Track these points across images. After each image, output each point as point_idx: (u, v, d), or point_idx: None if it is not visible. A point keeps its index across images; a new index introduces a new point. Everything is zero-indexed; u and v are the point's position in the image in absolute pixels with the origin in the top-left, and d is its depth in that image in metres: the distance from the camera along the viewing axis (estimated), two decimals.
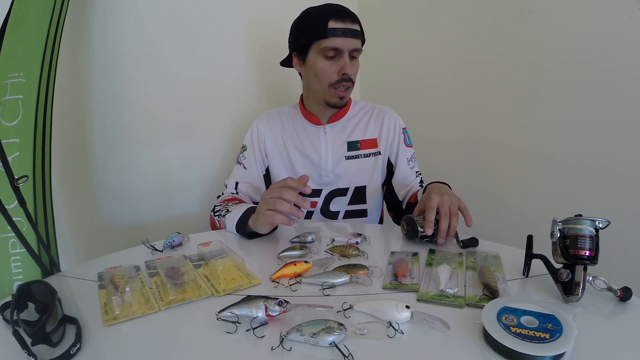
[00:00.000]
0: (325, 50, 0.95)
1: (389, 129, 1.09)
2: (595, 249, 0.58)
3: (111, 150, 1.22)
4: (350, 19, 0.95)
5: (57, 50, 0.90)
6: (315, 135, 1.09)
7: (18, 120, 0.79)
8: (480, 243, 0.80)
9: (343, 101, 1.02)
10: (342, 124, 1.09)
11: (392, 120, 1.10)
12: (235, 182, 1.08)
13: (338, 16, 0.94)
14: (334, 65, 0.97)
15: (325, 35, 0.94)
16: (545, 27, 1.15)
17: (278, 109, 1.16)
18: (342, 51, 0.95)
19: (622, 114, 1.03)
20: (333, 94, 1.00)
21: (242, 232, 0.88)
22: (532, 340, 0.47)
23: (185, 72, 1.29)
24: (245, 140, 1.13)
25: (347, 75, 0.97)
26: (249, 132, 1.13)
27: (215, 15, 1.32)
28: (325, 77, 0.98)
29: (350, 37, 0.95)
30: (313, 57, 0.99)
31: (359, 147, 1.08)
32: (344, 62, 0.96)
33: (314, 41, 0.97)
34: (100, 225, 1.25)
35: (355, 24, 0.97)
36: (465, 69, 1.39)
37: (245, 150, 1.12)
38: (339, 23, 0.94)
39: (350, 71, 0.97)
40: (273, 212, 0.78)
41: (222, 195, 1.08)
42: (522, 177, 1.29)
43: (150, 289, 0.66)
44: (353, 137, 1.08)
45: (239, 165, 1.11)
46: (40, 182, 0.85)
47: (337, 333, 0.50)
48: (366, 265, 0.70)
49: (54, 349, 0.51)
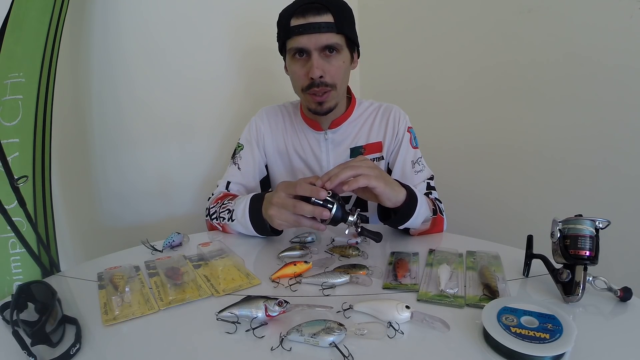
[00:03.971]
0: (292, 52, 0.87)
1: (393, 128, 0.98)
2: (596, 249, 0.58)
3: (111, 150, 1.22)
4: (315, 11, 0.82)
5: (57, 50, 0.90)
6: (316, 141, 1.00)
7: (18, 120, 0.79)
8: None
9: (324, 107, 0.90)
10: (344, 129, 0.99)
11: (397, 118, 0.99)
12: (227, 182, 1.00)
13: (300, 11, 0.83)
14: (303, 68, 0.86)
15: (289, 35, 0.85)
16: (545, 27, 1.15)
17: (279, 105, 1.07)
18: (309, 50, 0.84)
19: (622, 114, 1.03)
20: (310, 99, 0.89)
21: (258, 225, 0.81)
22: (532, 340, 0.47)
23: (186, 72, 1.29)
24: (242, 138, 1.04)
25: (316, 79, 0.85)
26: (247, 128, 1.05)
27: (216, 15, 1.32)
28: (296, 82, 0.90)
29: (315, 33, 0.82)
30: (288, 61, 0.91)
31: (362, 152, 0.98)
32: (310, 63, 0.84)
33: (284, 43, 0.89)
34: (100, 225, 1.25)
35: (324, 15, 0.83)
36: (465, 69, 1.38)
37: (242, 149, 1.03)
38: (300, 19, 0.83)
39: (317, 73, 0.84)
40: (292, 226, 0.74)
41: (212, 196, 0.99)
42: (522, 177, 1.29)
43: (150, 289, 0.66)
44: (356, 142, 0.99)
45: (234, 165, 1.02)
46: (40, 182, 0.85)
47: (337, 333, 0.50)
48: (366, 265, 0.70)
49: (53, 349, 0.51)
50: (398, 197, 0.74)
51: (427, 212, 0.80)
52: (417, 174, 0.95)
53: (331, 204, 0.68)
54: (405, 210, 0.76)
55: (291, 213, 0.71)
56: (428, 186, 0.94)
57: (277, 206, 0.72)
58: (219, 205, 0.91)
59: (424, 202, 0.79)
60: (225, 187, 1.00)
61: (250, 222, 0.82)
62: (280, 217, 0.73)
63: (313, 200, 0.68)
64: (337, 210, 0.68)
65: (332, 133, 0.99)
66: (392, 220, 0.79)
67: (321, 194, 0.67)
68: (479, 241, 0.81)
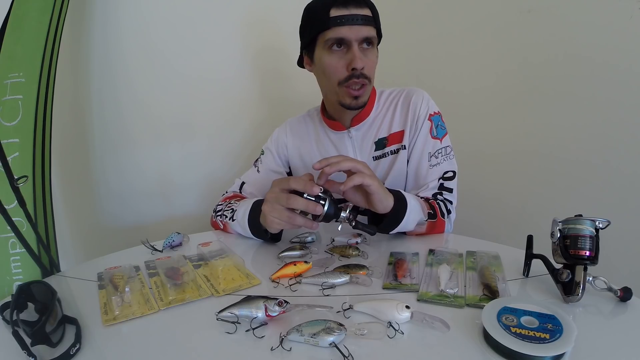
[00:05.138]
0: (330, 43, 0.84)
1: (413, 114, 0.93)
2: (596, 249, 0.58)
3: (111, 150, 1.22)
4: (356, 4, 0.82)
5: (57, 50, 0.90)
6: (341, 141, 0.97)
7: (18, 120, 0.79)
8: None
9: (359, 101, 0.88)
10: (369, 124, 0.96)
11: (418, 104, 0.93)
12: (242, 182, 1.01)
13: (340, 2, 0.82)
14: (342, 60, 0.84)
15: (328, 25, 0.82)
16: (545, 27, 1.15)
17: (304, 115, 1.06)
18: (350, 41, 0.83)
19: (622, 114, 1.03)
20: (345, 93, 0.87)
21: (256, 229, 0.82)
22: (532, 340, 0.47)
23: (186, 72, 1.29)
24: (265, 146, 1.06)
25: (357, 70, 0.83)
26: (270, 138, 1.05)
27: (217, 16, 1.32)
28: (333, 74, 0.86)
29: (357, 25, 0.82)
30: (319, 53, 0.87)
31: (385, 144, 0.95)
32: (352, 54, 0.83)
33: (317, 35, 0.85)
34: (100, 225, 1.25)
35: (363, 9, 0.83)
36: (465, 69, 1.38)
37: (263, 154, 1.04)
38: (342, 10, 0.81)
39: (360, 64, 0.82)
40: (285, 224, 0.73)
41: (225, 193, 1.02)
42: (522, 177, 1.29)
43: (150, 289, 0.66)
44: (380, 134, 0.95)
45: (254, 167, 1.04)
46: (40, 182, 0.85)
47: (337, 333, 0.50)
48: (366, 265, 0.70)
49: (53, 349, 0.51)
50: (388, 201, 0.74)
51: (419, 216, 0.80)
52: (432, 168, 0.91)
53: (323, 200, 0.68)
54: (393, 216, 0.76)
55: (284, 208, 0.70)
56: (441, 186, 0.90)
57: (271, 201, 0.72)
58: (225, 204, 0.92)
59: (416, 208, 0.79)
60: (240, 187, 1.01)
61: (248, 224, 0.83)
62: (272, 212, 0.72)
63: (306, 196, 0.68)
64: (329, 207, 0.68)
65: (355, 131, 0.96)
66: (382, 225, 0.79)
67: (314, 189, 0.67)
68: (479, 241, 0.81)
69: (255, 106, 1.46)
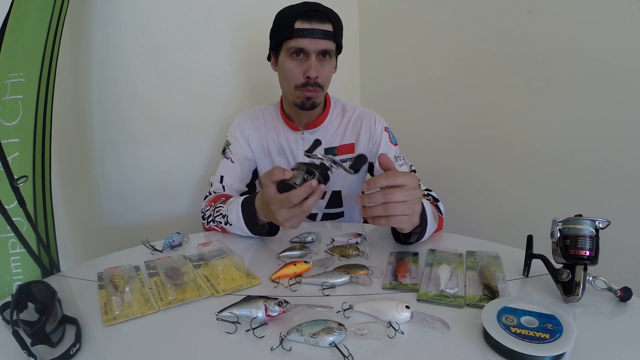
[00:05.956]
0: (292, 51, 0.93)
1: (368, 131, 1.05)
2: (596, 249, 0.58)
3: (111, 150, 1.22)
4: (319, 19, 0.91)
5: (57, 50, 0.90)
6: (294, 141, 1.07)
7: (18, 120, 0.79)
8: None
9: (310, 102, 0.97)
10: (321, 131, 1.06)
11: (372, 122, 1.06)
12: (220, 176, 1.04)
13: (305, 16, 0.91)
14: (300, 67, 0.94)
15: (291, 35, 0.91)
16: (545, 27, 1.15)
17: (260, 108, 1.13)
18: (309, 52, 0.92)
19: (622, 114, 1.03)
20: (300, 95, 0.96)
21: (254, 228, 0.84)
22: (532, 340, 0.47)
23: (187, 71, 1.29)
24: (229, 136, 1.10)
25: (312, 79, 0.93)
26: (233, 128, 1.10)
27: (218, 14, 1.32)
28: (291, 79, 0.95)
29: (317, 38, 0.91)
30: (282, 58, 0.96)
31: (335, 153, 1.06)
32: (309, 64, 0.92)
33: (283, 41, 0.95)
34: (100, 225, 1.25)
35: (326, 24, 0.92)
36: (465, 69, 1.38)
37: (230, 145, 1.08)
38: (305, 23, 0.91)
39: (314, 74, 0.92)
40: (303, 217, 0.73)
41: (208, 195, 1.02)
42: (522, 177, 1.29)
43: (150, 289, 0.66)
44: (330, 142, 1.06)
45: (226, 159, 1.07)
46: (40, 182, 0.85)
47: (337, 333, 0.50)
48: (366, 265, 0.70)
49: (53, 349, 0.51)
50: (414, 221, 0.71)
51: (434, 224, 0.80)
52: (401, 167, 1.02)
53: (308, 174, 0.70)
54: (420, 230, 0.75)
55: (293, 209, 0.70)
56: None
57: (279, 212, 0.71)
58: (212, 208, 0.92)
59: (431, 214, 0.77)
60: (220, 181, 1.03)
61: (247, 227, 0.84)
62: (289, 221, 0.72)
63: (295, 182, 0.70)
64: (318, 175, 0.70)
65: (309, 134, 1.06)
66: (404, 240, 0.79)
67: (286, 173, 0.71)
68: (479, 241, 0.81)
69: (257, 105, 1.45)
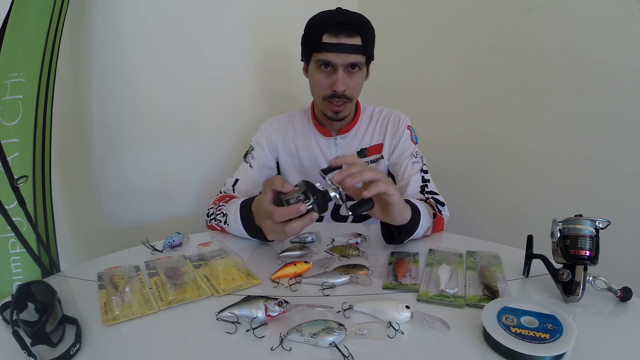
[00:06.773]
0: (319, 63, 0.94)
1: (394, 129, 1.06)
2: (596, 249, 0.58)
3: (111, 150, 1.22)
4: (347, 33, 0.90)
5: (57, 50, 0.90)
6: (327, 147, 1.07)
7: (18, 120, 0.79)
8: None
9: (339, 115, 0.99)
10: (352, 134, 1.07)
11: (397, 121, 1.07)
12: (235, 180, 1.03)
13: (332, 30, 0.90)
14: (327, 80, 0.94)
15: (319, 49, 0.92)
16: (545, 27, 1.15)
17: (288, 114, 1.13)
18: (336, 66, 0.92)
19: (623, 114, 1.03)
20: (327, 107, 0.97)
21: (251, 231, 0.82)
22: (532, 340, 0.47)
23: (186, 72, 1.29)
24: (253, 140, 1.09)
25: (338, 92, 0.93)
26: (259, 134, 1.09)
27: (218, 16, 1.32)
28: (318, 90, 0.97)
29: (344, 53, 0.91)
30: (311, 68, 0.97)
31: (366, 154, 1.07)
32: (336, 77, 0.93)
33: (312, 52, 0.95)
34: (100, 225, 1.25)
35: (354, 38, 0.91)
36: (465, 69, 1.39)
37: (253, 150, 1.07)
38: (333, 38, 0.90)
39: (341, 88, 0.93)
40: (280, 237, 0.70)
41: (219, 194, 1.02)
42: (522, 177, 1.29)
43: (150, 289, 0.66)
44: (362, 144, 1.07)
45: (246, 163, 1.06)
46: (40, 182, 0.85)
47: (337, 333, 0.50)
48: (366, 265, 0.70)
49: (53, 349, 0.51)
50: (407, 213, 0.73)
51: (428, 222, 0.81)
52: (413, 164, 1.02)
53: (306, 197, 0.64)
54: (410, 226, 0.76)
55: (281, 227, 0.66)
56: (423, 179, 1.00)
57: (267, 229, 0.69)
58: (216, 206, 0.93)
59: (425, 213, 0.80)
60: (233, 184, 1.03)
61: (243, 228, 0.82)
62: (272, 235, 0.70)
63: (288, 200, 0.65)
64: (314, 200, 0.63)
65: (341, 139, 1.07)
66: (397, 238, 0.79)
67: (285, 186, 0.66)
68: (479, 241, 0.81)
69: (256, 105, 1.46)
